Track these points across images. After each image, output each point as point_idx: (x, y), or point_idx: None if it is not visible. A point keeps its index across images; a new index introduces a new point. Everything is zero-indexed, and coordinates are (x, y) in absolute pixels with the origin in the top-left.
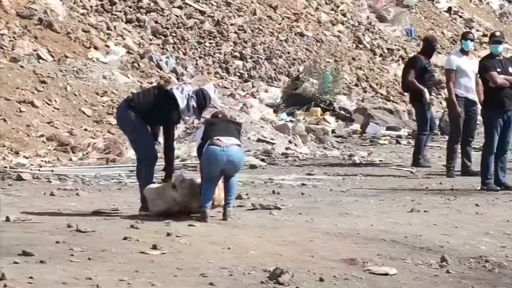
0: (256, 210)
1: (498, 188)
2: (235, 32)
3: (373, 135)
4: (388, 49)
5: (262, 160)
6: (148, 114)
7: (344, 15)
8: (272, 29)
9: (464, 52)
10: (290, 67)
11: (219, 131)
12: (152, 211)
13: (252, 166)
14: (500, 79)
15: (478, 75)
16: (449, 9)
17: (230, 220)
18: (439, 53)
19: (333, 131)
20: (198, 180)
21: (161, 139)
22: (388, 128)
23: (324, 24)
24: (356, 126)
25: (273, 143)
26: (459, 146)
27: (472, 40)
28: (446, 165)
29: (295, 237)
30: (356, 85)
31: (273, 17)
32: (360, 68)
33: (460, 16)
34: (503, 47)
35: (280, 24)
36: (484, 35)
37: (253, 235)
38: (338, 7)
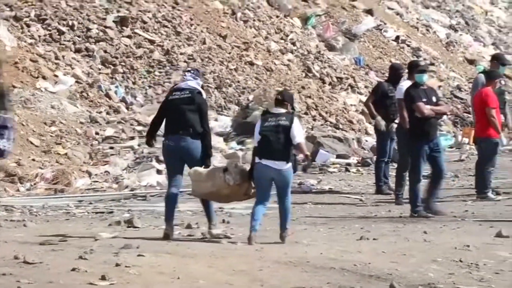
0: (206, 240)
1: (429, 214)
2: (185, 61)
3: (322, 163)
4: (337, 77)
5: None
6: None
7: (293, 44)
8: (222, 58)
9: (412, 79)
10: (240, 96)
11: None
12: (197, 192)
13: None
14: (427, 110)
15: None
16: (397, 38)
17: (179, 250)
18: None
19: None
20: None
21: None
22: (338, 156)
23: (274, 53)
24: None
25: None
26: (408, 173)
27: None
28: (394, 193)
29: (245, 266)
30: (306, 113)
31: (223, 46)
32: (310, 97)
33: (408, 45)
34: (427, 77)
35: (229, 53)
36: (431, 64)
37: (203, 265)
38: (287, 36)
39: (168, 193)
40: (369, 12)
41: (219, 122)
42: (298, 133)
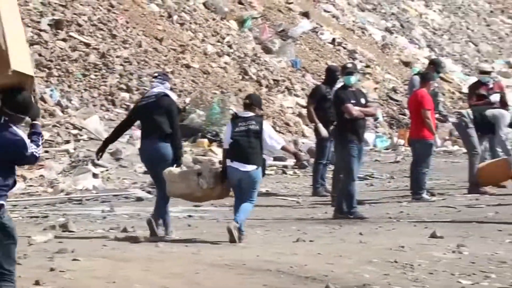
0: (142, 243)
1: (365, 216)
2: (121, 64)
3: None
4: (274, 80)
5: (149, 192)
6: None
7: (230, 46)
8: (158, 61)
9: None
10: (176, 99)
11: None
12: (171, 192)
13: (139, 199)
14: (356, 111)
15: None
16: (333, 40)
17: (115, 254)
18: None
19: (220, 162)
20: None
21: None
22: (275, 159)
23: (210, 56)
24: None
25: None
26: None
27: (358, 72)
28: (331, 195)
29: (181, 269)
30: None
31: (159, 49)
32: None
33: (344, 47)
34: (355, 78)
35: (166, 56)
36: (367, 66)
37: (138, 268)
38: (224, 38)
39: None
40: (305, 14)
41: None
42: (275, 137)
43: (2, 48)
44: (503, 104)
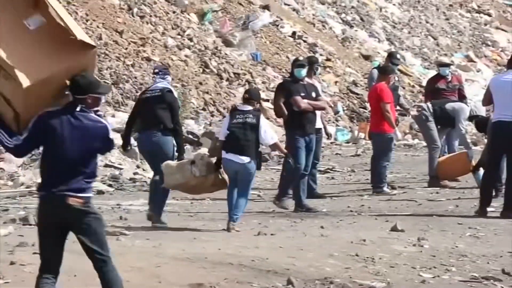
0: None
1: (299, 208)
2: None
3: None
4: (234, 73)
5: (110, 185)
6: None
7: (190, 39)
8: (119, 54)
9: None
10: (137, 92)
11: None
12: (169, 184)
13: (100, 192)
14: (304, 103)
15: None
16: (294, 33)
17: (76, 248)
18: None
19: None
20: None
21: None
22: None
23: (171, 49)
24: (204, 150)
25: (120, 168)
26: None
27: (319, 65)
28: (293, 188)
29: (142, 263)
30: (204, 109)
31: (119, 42)
32: (207, 93)
33: (304, 41)
34: (306, 71)
35: (126, 49)
36: (328, 59)
37: None
38: (184, 31)
39: (152, 180)
40: (266, 7)
41: (117, 119)
42: (269, 133)
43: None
44: (462, 97)
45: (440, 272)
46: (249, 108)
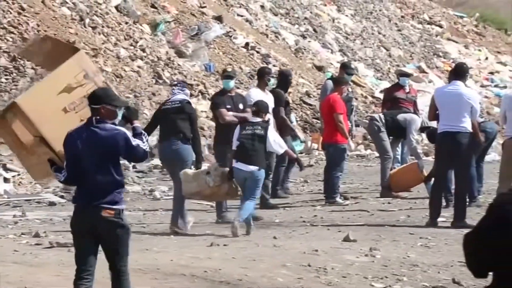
0: (54, 248)
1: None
2: (32, 68)
3: None
4: (187, 84)
5: (62, 196)
6: None
7: (143, 50)
8: None
9: (262, 87)
10: None
11: None
12: (186, 192)
13: (51, 203)
14: (229, 116)
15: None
16: (247, 44)
17: (27, 259)
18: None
19: (133, 166)
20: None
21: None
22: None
23: (123, 60)
24: (157, 161)
25: None
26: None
27: (273, 76)
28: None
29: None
30: None
31: None
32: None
33: (258, 52)
34: (234, 83)
35: None
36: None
37: (51, 274)
38: (137, 42)
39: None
40: (219, 18)
41: None
42: (278, 142)
43: None
44: (415, 109)
45: (392, 282)
46: (258, 120)
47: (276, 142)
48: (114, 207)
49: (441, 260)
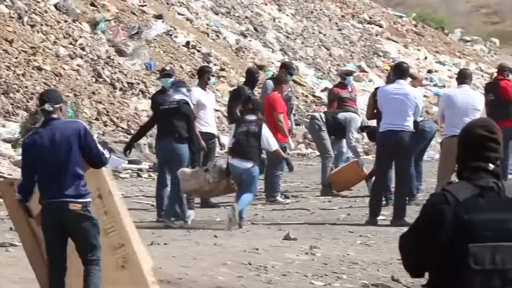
0: None
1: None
2: None
3: (114, 169)
4: (128, 83)
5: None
6: None
7: (82, 49)
8: (9, 63)
9: (202, 86)
10: (28, 102)
11: None
12: (185, 189)
13: None
14: None
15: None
16: (187, 43)
17: None
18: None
19: None
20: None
21: None
22: (130, 162)
23: (63, 58)
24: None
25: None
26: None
27: (213, 75)
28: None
29: (32, 274)
30: (97, 119)
31: (9, 51)
32: (100, 102)
33: (198, 51)
34: (172, 81)
35: (16, 58)
36: (222, 69)
37: None
38: (76, 41)
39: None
40: (159, 17)
41: (7, 128)
42: (270, 141)
43: None
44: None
45: (332, 280)
46: (253, 117)
47: (269, 140)
48: (81, 200)
49: (381, 258)
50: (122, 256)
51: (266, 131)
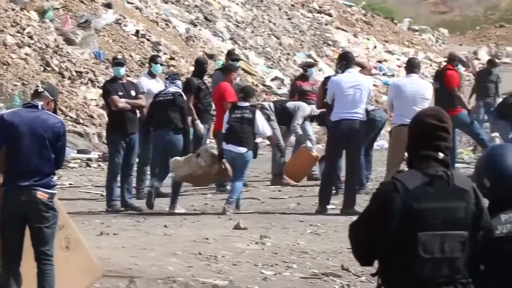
0: None
1: (122, 208)
2: None
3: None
4: (77, 72)
5: None
6: None
7: (30, 37)
8: None
9: (152, 75)
10: None
11: None
12: (178, 176)
13: None
14: (122, 103)
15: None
16: (137, 32)
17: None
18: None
19: None
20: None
21: None
22: (79, 152)
23: (10, 47)
24: None
25: None
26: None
27: (161, 64)
28: (136, 187)
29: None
30: None
31: None
32: None
33: (148, 39)
34: (124, 70)
35: None
36: (172, 58)
37: None
38: (24, 29)
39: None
40: (108, 6)
41: None
42: (264, 127)
43: None
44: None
45: (282, 269)
46: (246, 104)
47: (263, 126)
48: (49, 190)
49: (330, 247)
50: (65, 237)
51: (259, 117)
